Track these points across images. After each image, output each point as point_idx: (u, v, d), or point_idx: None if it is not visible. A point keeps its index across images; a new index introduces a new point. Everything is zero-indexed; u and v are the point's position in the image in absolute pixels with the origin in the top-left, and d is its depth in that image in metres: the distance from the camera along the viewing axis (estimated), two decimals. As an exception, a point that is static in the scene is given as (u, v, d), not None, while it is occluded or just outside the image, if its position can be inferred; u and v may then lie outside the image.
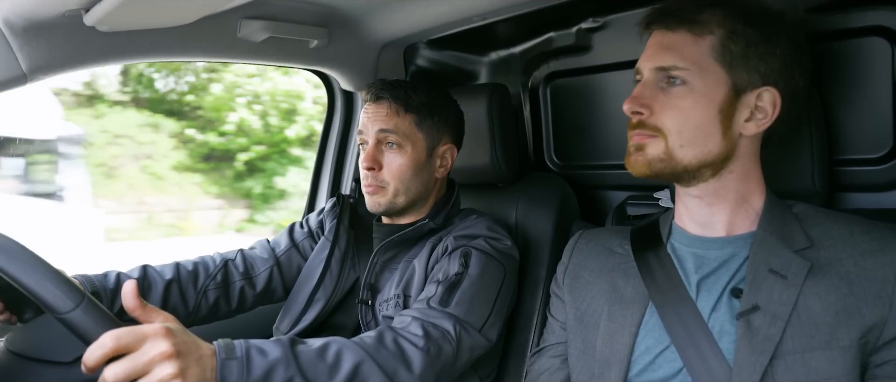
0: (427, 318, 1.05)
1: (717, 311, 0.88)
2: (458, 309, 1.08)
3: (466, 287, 1.11)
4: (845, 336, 0.79)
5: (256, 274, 1.36)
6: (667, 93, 0.88)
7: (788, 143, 1.04)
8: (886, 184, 1.14)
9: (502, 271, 1.19)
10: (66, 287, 0.78)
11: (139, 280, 1.23)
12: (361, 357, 0.93)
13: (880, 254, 0.82)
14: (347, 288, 1.32)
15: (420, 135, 1.26)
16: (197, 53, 1.33)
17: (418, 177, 1.27)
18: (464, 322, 1.07)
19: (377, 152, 1.25)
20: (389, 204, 1.26)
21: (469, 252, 1.16)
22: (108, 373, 0.72)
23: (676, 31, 0.89)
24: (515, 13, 1.39)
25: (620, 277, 0.99)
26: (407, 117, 1.25)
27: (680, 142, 0.87)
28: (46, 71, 1.10)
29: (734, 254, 0.90)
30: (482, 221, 1.26)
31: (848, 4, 1.13)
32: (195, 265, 1.31)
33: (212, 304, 1.30)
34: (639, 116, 0.89)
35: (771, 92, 0.88)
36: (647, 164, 0.89)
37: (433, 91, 1.30)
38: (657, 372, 0.89)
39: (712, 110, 0.87)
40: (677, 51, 0.88)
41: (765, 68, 0.87)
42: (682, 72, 0.87)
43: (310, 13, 1.41)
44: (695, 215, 0.95)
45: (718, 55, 0.87)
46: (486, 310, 1.13)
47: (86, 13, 1.08)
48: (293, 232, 1.44)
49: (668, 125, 0.88)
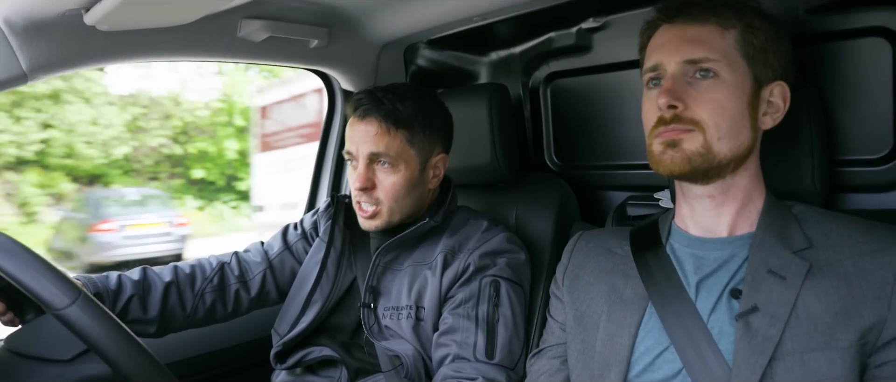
0: (487, 375, 1.10)
1: (716, 312, 0.87)
2: (502, 358, 1.13)
3: (502, 329, 1.15)
4: (844, 337, 0.79)
5: (251, 278, 1.36)
6: (696, 87, 0.87)
7: (789, 144, 1.04)
8: (887, 185, 1.14)
9: (523, 296, 1.22)
10: (63, 283, 0.78)
11: (139, 282, 1.23)
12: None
13: (879, 255, 0.82)
14: (345, 289, 1.32)
15: (412, 152, 1.23)
16: (197, 53, 1.33)
17: (413, 193, 1.25)
18: (509, 371, 1.13)
19: (369, 172, 1.21)
20: (386, 223, 1.24)
21: (498, 284, 1.17)
22: None
23: (704, 24, 0.87)
24: (516, 13, 1.39)
25: (620, 278, 0.98)
26: (398, 135, 1.20)
27: (718, 134, 0.86)
28: (46, 70, 1.11)
29: (733, 255, 0.90)
30: (498, 232, 1.25)
31: (848, 5, 1.13)
32: (192, 268, 1.32)
33: (209, 307, 1.30)
34: (673, 110, 0.86)
35: (782, 86, 0.89)
36: (687, 160, 0.86)
37: (420, 97, 1.25)
38: (657, 373, 0.89)
39: (743, 102, 0.87)
40: (707, 43, 0.86)
41: (777, 63, 0.89)
42: (714, 63, 0.86)
43: (310, 13, 1.41)
44: (700, 218, 0.94)
45: (741, 48, 0.87)
46: (520, 347, 1.18)
47: (86, 12, 1.08)
48: (287, 234, 1.43)
49: (706, 117, 0.85)
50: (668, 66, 0.88)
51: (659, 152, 0.88)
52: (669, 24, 0.91)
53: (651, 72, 0.91)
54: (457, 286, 1.18)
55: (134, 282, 1.22)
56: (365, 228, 1.27)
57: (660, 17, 0.92)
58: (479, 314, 1.14)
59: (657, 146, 0.88)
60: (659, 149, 0.88)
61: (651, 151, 0.90)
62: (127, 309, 1.20)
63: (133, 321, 1.21)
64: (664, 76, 0.89)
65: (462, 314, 1.15)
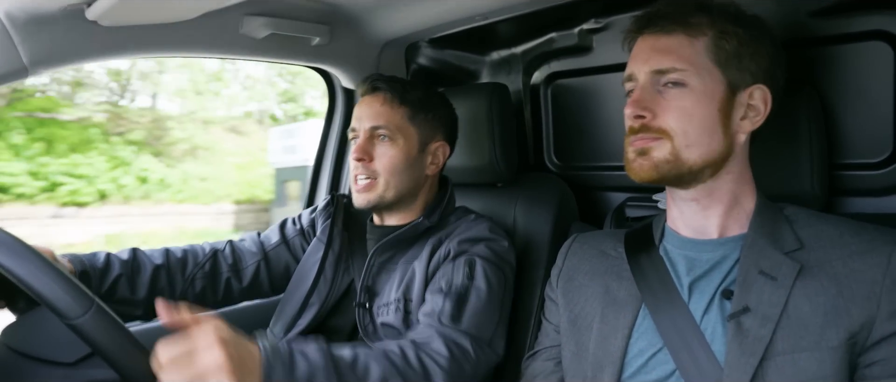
0: (448, 336, 1.05)
1: (709, 313, 0.87)
2: (470, 325, 1.09)
3: (474, 301, 1.11)
4: (834, 337, 0.79)
5: (244, 267, 1.36)
6: (665, 96, 0.88)
7: (788, 147, 1.04)
8: (886, 189, 1.13)
9: (505, 279, 1.19)
10: (76, 292, 0.79)
11: (127, 262, 1.22)
12: (388, 370, 0.94)
13: (868, 255, 0.82)
14: (342, 290, 1.31)
15: (413, 129, 1.26)
16: (199, 49, 1.34)
17: (409, 171, 1.26)
18: (478, 339, 1.08)
19: (368, 144, 1.25)
20: (379, 198, 1.25)
21: (473, 261, 1.16)
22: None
23: (672, 33, 0.89)
24: (517, 13, 1.39)
25: (614, 279, 0.99)
26: (400, 110, 1.25)
27: (686, 142, 0.87)
28: (47, 64, 1.11)
29: (725, 256, 0.90)
30: (483, 223, 1.26)
31: (850, 8, 1.13)
32: (184, 253, 1.31)
33: (198, 293, 1.30)
34: (641, 120, 0.89)
35: (762, 90, 0.89)
36: (654, 168, 0.88)
37: (429, 90, 1.30)
38: (650, 374, 0.89)
39: (713, 109, 0.87)
40: (674, 52, 0.88)
41: (755, 67, 0.89)
42: (681, 73, 0.87)
43: (312, 10, 1.42)
44: (689, 220, 0.95)
45: (713, 55, 0.88)
46: (493, 323, 1.14)
47: (87, 7, 1.09)
48: (285, 228, 1.43)
49: (673, 126, 0.87)
50: (639, 76, 0.91)
51: (631, 160, 0.91)
52: (640, 35, 0.93)
53: (627, 81, 0.94)
54: (438, 271, 1.18)
55: (122, 262, 1.21)
56: (358, 204, 1.27)
57: (633, 28, 0.94)
58: (452, 287, 1.12)
59: (631, 153, 0.91)
60: (632, 157, 0.91)
61: (626, 158, 0.92)
62: (114, 288, 1.18)
63: (120, 301, 1.19)
64: (635, 86, 0.91)
65: (435, 289, 1.15)
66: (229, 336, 0.79)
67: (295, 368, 0.84)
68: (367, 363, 0.93)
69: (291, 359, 0.85)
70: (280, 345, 0.85)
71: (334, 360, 0.89)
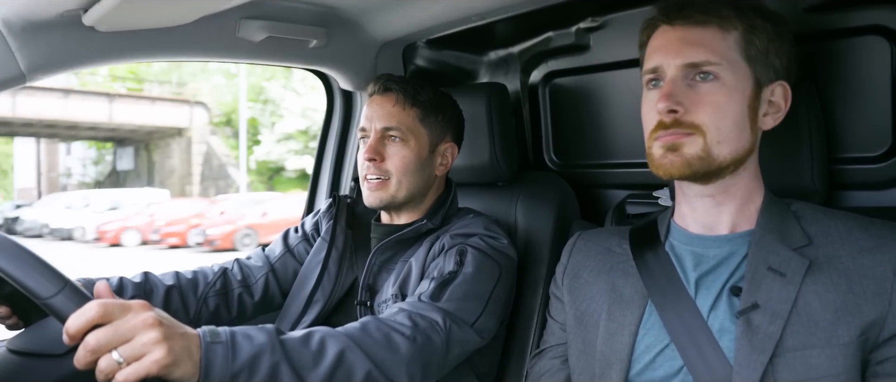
0: (415, 310, 1.04)
1: (716, 309, 0.87)
2: (449, 304, 1.07)
3: (459, 283, 1.10)
4: (845, 334, 0.79)
5: (253, 282, 1.37)
6: (696, 90, 0.86)
7: (788, 142, 1.04)
8: (885, 182, 1.14)
9: (497, 269, 1.17)
10: (49, 272, 0.78)
11: (141, 284, 1.23)
12: (346, 343, 0.92)
13: (878, 251, 0.82)
14: (346, 288, 1.32)
15: (424, 131, 1.27)
16: (196, 53, 1.33)
17: (420, 171, 1.26)
18: (454, 316, 1.06)
19: (380, 145, 1.25)
20: (390, 198, 1.25)
21: (464, 249, 1.15)
22: (91, 338, 0.71)
23: (705, 26, 0.86)
24: (514, 12, 1.39)
25: (619, 276, 0.98)
26: (412, 111, 1.26)
27: (718, 138, 0.85)
28: (45, 70, 1.10)
29: (733, 252, 0.90)
30: (479, 220, 1.26)
31: (847, 3, 1.13)
32: (194, 274, 1.32)
33: (212, 311, 1.30)
34: (674, 114, 0.85)
35: (783, 86, 0.89)
36: (687, 164, 0.85)
37: (437, 91, 1.31)
38: (658, 371, 0.89)
39: (743, 104, 0.86)
40: (708, 46, 0.85)
41: (778, 63, 0.88)
42: (715, 66, 0.85)
43: (309, 13, 1.41)
44: (701, 216, 0.94)
45: (743, 50, 0.86)
46: (478, 308, 1.11)
47: (84, 13, 1.08)
48: (287, 238, 1.44)
49: (707, 121, 0.85)
50: (668, 69, 0.87)
51: (659, 156, 0.87)
52: (670, 25, 0.89)
53: (651, 73, 0.90)
54: (432, 265, 1.18)
55: (135, 285, 1.22)
56: (370, 203, 1.27)
57: (660, 18, 0.91)
58: (441, 274, 1.12)
59: (657, 149, 0.87)
60: (659, 153, 0.87)
61: (651, 154, 0.89)
62: None
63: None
64: (664, 79, 0.88)
65: (426, 278, 1.15)
66: (165, 318, 0.76)
67: (237, 349, 0.81)
68: (324, 339, 0.91)
69: (233, 340, 0.81)
70: (220, 329, 0.82)
71: (281, 339, 0.86)
